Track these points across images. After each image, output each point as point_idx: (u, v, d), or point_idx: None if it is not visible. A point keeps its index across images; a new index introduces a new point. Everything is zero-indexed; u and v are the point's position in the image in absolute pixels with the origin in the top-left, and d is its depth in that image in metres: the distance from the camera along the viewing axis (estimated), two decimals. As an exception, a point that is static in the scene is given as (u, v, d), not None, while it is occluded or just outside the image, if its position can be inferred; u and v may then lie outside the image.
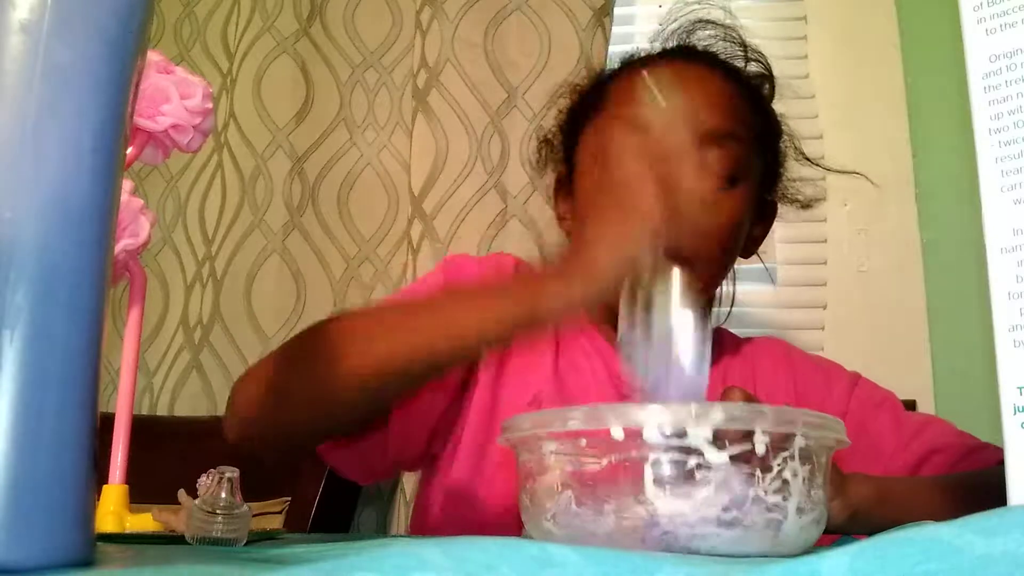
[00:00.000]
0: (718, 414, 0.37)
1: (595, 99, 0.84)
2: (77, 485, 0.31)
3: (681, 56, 0.84)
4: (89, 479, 0.32)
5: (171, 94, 0.57)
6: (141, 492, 0.57)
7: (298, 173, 1.34)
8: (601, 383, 0.80)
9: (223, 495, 0.46)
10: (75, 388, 0.31)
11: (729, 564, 0.28)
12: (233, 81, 1.39)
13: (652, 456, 0.37)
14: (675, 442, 0.37)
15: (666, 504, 0.36)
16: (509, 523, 0.74)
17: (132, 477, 0.57)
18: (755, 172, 0.80)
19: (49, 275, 0.30)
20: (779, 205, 0.87)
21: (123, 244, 0.57)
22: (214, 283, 1.34)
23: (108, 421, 0.51)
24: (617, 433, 0.37)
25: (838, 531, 0.56)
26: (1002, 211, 0.34)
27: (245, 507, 0.46)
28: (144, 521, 0.54)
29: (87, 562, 0.31)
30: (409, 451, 0.78)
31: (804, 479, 0.38)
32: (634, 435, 0.37)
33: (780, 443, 0.38)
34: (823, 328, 1.32)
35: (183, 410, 1.32)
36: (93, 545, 0.32)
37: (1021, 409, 0.33)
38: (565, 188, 0.87)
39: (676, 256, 0.68)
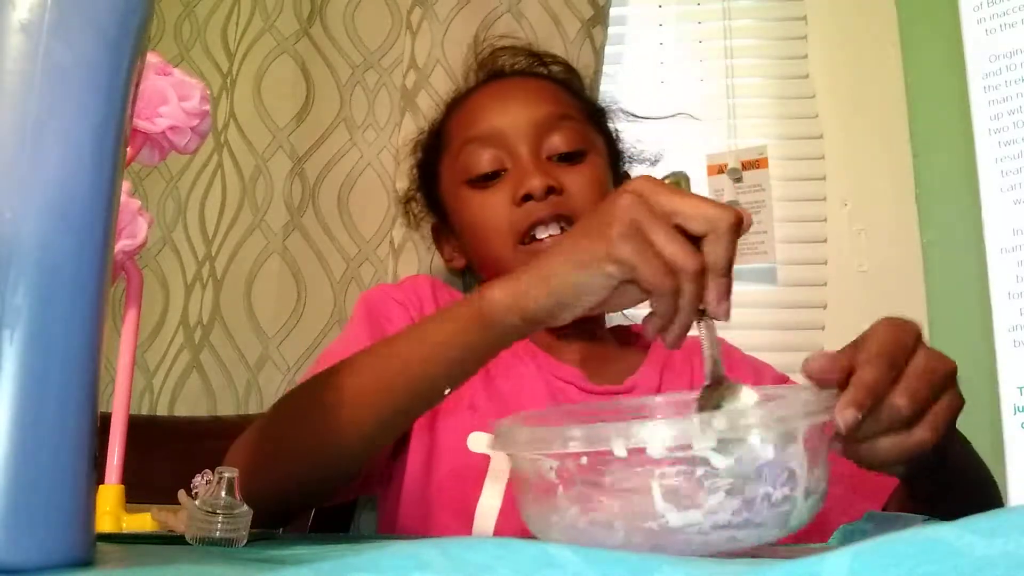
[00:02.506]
0: (721, 422, 0.37)
1: (437, 142, 0.94)
2: (77, 485, 0.31)
3: (496, 78, 0.97)
4: (89, 479, 0.32)
5: (169, 96, 0.57)
6: (141, 492, 0.57)
7: (298, 173, 1.34)
8: (534, 384, 0.82)
9: (223, 495, 0.46)
10: (75, 388, 0.31)
11: (729, 564, 0.28)
12: (233, 81, 1.39)
13: (658, 471, 0.36)
14: (680, 454, 0.36)
15: (678, 517, 0.36)
16: (461, 529, 0.74)
17: (132, 477, 0.56)
18: (599, 145, 0.90)
19: (49, 275, 0.30)
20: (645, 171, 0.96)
21: (121, 245, 0.57)
22: (214, 283, 1.34)
23: (107, 421, 0.51)
24: (620, 452, 0.37)
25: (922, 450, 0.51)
26: (1002, 211, 0.34)
27: (245, 507, 0.46)
28: (143, 521, 0.53)
29: (87, 562, 0.31)
30: (372, 472, 0.79)
31: (810, 463, 0.38)
32: (638, 452, 0.37)
33: (784, 437, 0.38)
34: (823, 328, 1.32)
35: (183, 410, 1.31)
36: (93, 545, 0.32)
37: (1021, 409, 0.33)
38: (443, 233, 0.95)
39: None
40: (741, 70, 1.41)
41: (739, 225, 0.52)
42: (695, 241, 0.51)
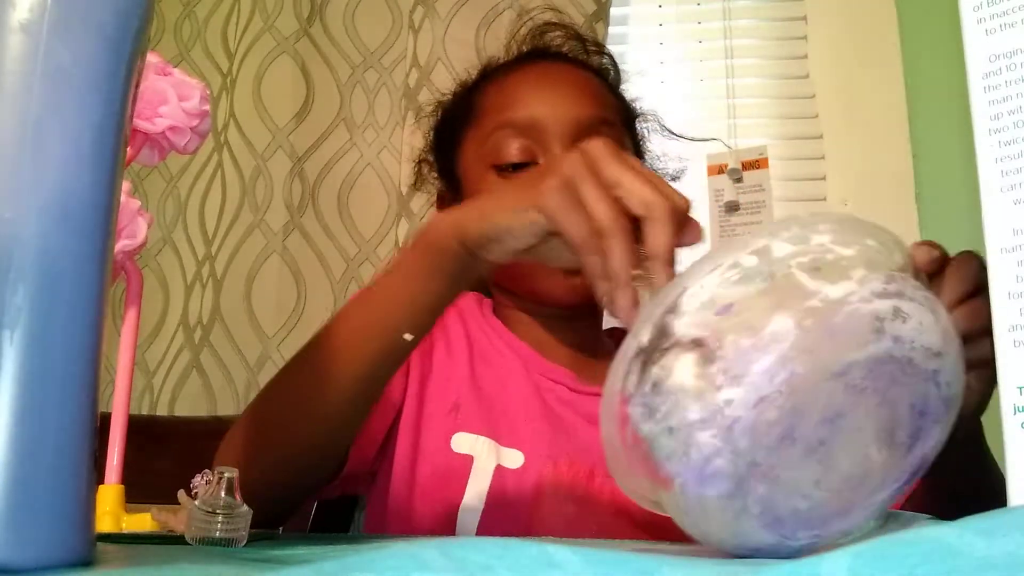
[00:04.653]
0: (827, 220, 0.38)
1: (466, 111, 0.89)
2: (77, 485, 0.31)
3: (542, 58, 0.91)
4: (89, 479, 0.32)
5: (169, 96, 0.57)
6: (141, 492, 0.57)
7: (298, 173, 1.34)
8: (521, 384, 0.81)
9: (223, 495, 0.46)
10: (75, 388, 0.31)
11: (729, 564, 0.28)
12: (233, 81, 1.39)
13: (794, 260, 0.37)
14: (804, 246, 0.38)
15: (834, 288, 0.36)
16: (443, 532, 0.74)
17: (131, 477, 0.56)
18: (629, 152, 0.86)
19: (49, 275, 0.30)
20: None
21: (121, 245, 0.57)
22: (214, 283, 1.34)
23: (107, 421, 0.51)
24: (749, 261, 0.37)
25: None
26: (1002, 211, 0.34)
27: (245, 507, 0.46)
28: (143, 521, 0.53)
29: (87, 562, 0.31)
30: (360, 469, 0.78)
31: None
32: (766, 254, 0.38)
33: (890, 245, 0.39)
34: (823, 328, 1.32)
35: (183, 410, 1.32)
36: (93, 545, 0.32)
37: (1021, 409, 0.33)
38: (448, 202, 0.90)
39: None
40: (741, 70, 1.41)
41: (676, 213, 0.51)
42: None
